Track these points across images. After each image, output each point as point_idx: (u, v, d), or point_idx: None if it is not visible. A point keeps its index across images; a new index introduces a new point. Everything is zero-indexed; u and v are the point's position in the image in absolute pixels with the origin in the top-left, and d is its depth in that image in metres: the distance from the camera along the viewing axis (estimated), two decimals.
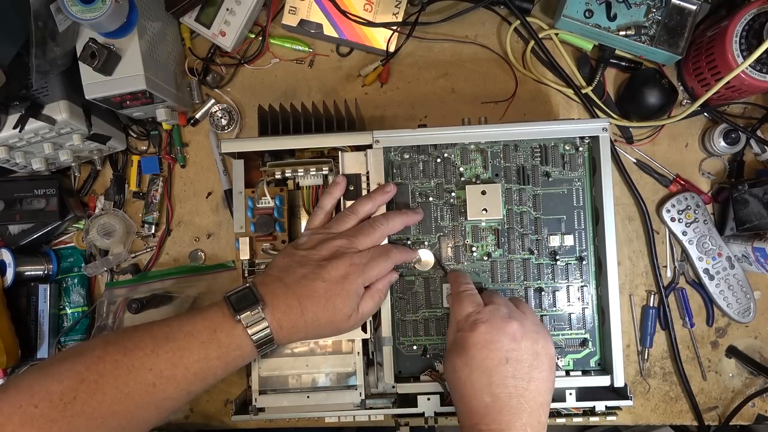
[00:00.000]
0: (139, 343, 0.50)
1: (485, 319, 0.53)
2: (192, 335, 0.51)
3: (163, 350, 0.50)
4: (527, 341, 0.52)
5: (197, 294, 0.77)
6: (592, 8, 0.71)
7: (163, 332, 0.51)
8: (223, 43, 0.75)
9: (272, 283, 0.55)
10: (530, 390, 0.51)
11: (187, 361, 0.51)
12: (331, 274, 0.55)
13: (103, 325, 0.78)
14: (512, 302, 0.58)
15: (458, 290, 0.58)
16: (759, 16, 0.63)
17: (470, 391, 0.51)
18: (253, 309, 0.53)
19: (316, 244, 0.58)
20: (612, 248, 0.61)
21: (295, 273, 0.56)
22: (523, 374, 0.51)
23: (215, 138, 0.78)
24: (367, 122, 0.77)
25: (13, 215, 0.74)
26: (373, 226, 0.59)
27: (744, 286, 0.73)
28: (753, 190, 0.69)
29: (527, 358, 0.52)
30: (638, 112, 0.73)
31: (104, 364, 0.49)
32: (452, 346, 0.55)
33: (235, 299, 0.53)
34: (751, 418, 0.75)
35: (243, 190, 0.66)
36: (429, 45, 0.78)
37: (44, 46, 0.61)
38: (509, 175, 0.64)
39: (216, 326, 0.52)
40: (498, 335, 0.52)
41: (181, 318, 0.53)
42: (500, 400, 0.50)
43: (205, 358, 0.51)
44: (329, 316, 0.55)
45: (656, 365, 0.76)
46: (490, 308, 0.54)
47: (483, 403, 0.50)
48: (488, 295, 0.58)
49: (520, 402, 0.50)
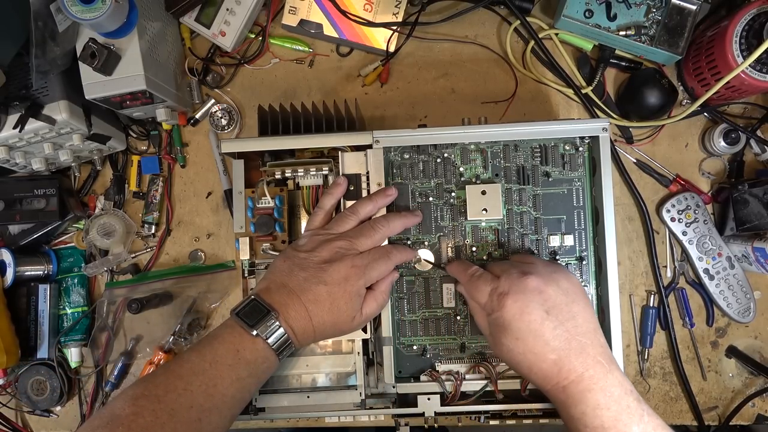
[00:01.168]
0: (168, 386, 0.50)
1: (507, 290, 0.53)
2: (217, 362, 0.51)
3: (196, 385, 0.50)
4: (552, 285, 0.52)
5: (197, 294, 0.77)
6: (592, 8, 0.71)
7: (188, 368, 0.51)
8: (223, 43, 0.75)
9: (277, 291, 0.55)
10: (579, 324, 0.52)
11: (221, 389, 0.51)
12: (332, 277, 0.55)
13: (103, 325, 0.78)
14: (516, 260, 0.58)
15: (468, 276, 0.57)
16: (759, 16, 0.63)
17: (534, 359, 0.51)
18: (268, 320, 0.53)
19: (316, 245, 0.58)
20: (612, 248, 0.61)
21: (297, 277, 0.56)
22: (566, 315, 0.52)
23: (215, 138, 0.78)
24: (367, 122, 0.77)
25: (13, 215, 0.74)
26: (373, 227, 0.59)
27: (744, 286, 0.73)
28: (753, 190, 0.69)
29: (561, 299, 0.52)
30: (638, 112, 0.73)
31: (143, 419, 0.47)
32: (493, 330, 0.54)
33: (246, 314, 0.53)
34: (751, 418, 0.75)
35: (243, 190, 0.66)
36: (429, 45, 0.78)
37: (44, 46, 0.61)
38: (509, 175, 0.64)
39: (237, 346, 0.52)
40: (526, 297, 0.52)
41: (199, 350, 0.53)
42: (563, 350, 0.50)
43: (237, 380, 0.51)
44: (334, 318, 0.55)
45: (656, 365, 0.76)
46: (503, 278, 0.54)
47: (550, 362, 0.51)
48: (493, 266, 0.58)
49: (579, 340, 0.51)
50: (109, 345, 0.78)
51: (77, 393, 0.79)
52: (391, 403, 0.63)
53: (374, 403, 0.63)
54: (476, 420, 0.66)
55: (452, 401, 0.62)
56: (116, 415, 0.48)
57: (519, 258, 0.60)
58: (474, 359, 0.63)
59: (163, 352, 0.76)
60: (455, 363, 0.64)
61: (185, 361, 0.52)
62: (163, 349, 0.76)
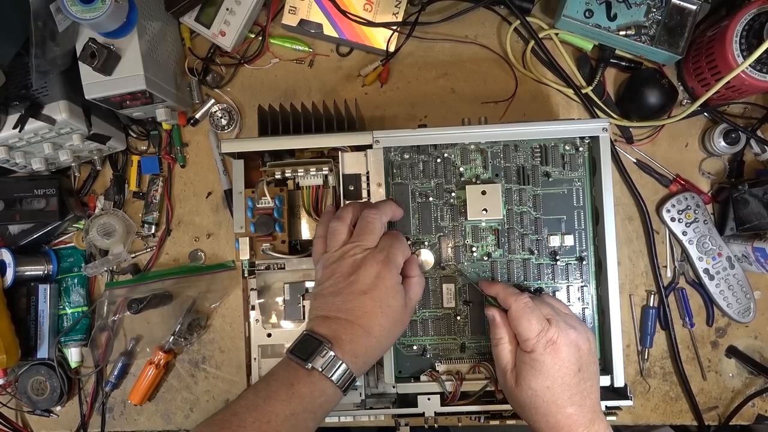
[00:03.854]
0: (224, 423, 0.49)
1: (556, 338, 0.53)
2: (271, 398, 0.51)
3: (249, 422, 0.49)
4: (585, 344, 0.55)
5: (197, 294, 0.77)
6: (592, 8, 0.71)
7: (243, 405, 0.51)
8: (223, 43, 0.75)
9: (324, 323, 0.54)
10: (594, 383, 0.55)
11: (275, 425, 0.50)
12: (366, 282, 0.54)
13: (103, 325, 0.78)
14: (552, 303, 0.58)
15: (518, 305, 0.55)
16: (759, 16, 0.63)
17: (554, 409, 0.53)
18: (322, 350, 0.52)
19: (330, 269, 0.56)
20: (612, 248, 0.61)
21: (334, 304, 0.55)
22: (589, 375, 0.54)
23: (215, 138, 0.78)
24: (367, 122, 0.77)
25: (13, 215, 0.74)
26: (368, 222, 0.58)
27: (744, 286, 0.73)
28: (753, 190, 0.69)
29: (589, 360, 0.55)
30: (638, 112, 0.73)
31: None
32: (523, 368, 0.54)
33: (299, 350, 0.53)
34: (751, 418, 0.75)
35: (243, 190, 0.66)
36: (429, 45, 0.78)
37: (44, 46, 0.61)
38: (509, 175, 0.64)
39: (291, 381, 0.52)
40: (569, 350, 0.53)
41: (256, 387, 0.53)
42: (579, 406, 0.53)
43: (291, 415, 0.50)
44: (391, 318, 0.55)
45: (656, 365, 0.76)
46: (554, 324, 0.54)
47: (566, 414, 0.53)
48: (539, 304, 0.56)
49: (591, 399, 0.54)
50: (109, 345, 0.78)
51: (77, 393, 0.79)
52: (391, 403, 0.63)
53: (374, 403, 0.63)
54: (476, 420, 0.66)
55: (452, 401, 0.62)
56: None
57: (557, 304, 0.59)
58: (474, 359, 0.63)
59: (163, 352, 0.76)
60: (455, 363, 0.64)
61: (242, 398, 0.52)
62: (163, 349, 0.76)
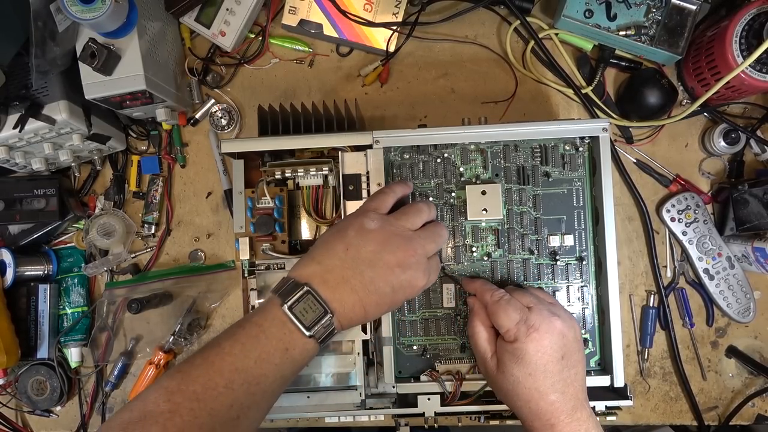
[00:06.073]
0: (207, 383, 0.46)
1: (537, 325, 0.53)
2: (263, 360, 0.48)
3: (238, 384, 0.46)
4: (570, 332, 0.54)
5: (197, 294, 0.77)
6: (592, 8, 0.71)
7: (230, 363, 0.47)
8: (223, 43, 0.75)
9: (336, 286, 0.51)
10: (578, 372, 0.55)
11: (264, 386, 0.48)
12: (402, 284, 0.53)
13: (103, 325, 0.78)
14: (535, 294, 0.58)
15: (493, 299, 0.56)
16: (759, 16, 0.63)
17: (536, 395, 0.52)
18: (325, 321, 0.50)
19: (387, 239, 0.52)
20: (612, 248, 0.61)
21: (362, 275, 0.51)
22: (573, 363, 0.54)
23: (215, 138, 0.78)
24: (367, 122, 0.77)
25: (13, 215, 0.74)
26: (419, 209, 0.56)
27: (744, 286, 0.73)
28: (753, 190, 0.69)
29: (573, 347, 0.55)
30: (638, 112, 0.73)
31: (180, 418, 0.44)
32: (504, 357, 0.54)
33: (301, 311, 0.49)
34: (751, 418, 0.75)
35: (243, 190, 0.66)
36: (429, 45, 0.78)
37: (44, 46, 0.61)
38: (509, 175, 0.64)
39: (287, 345, 0.49)
40: (551, 337, 0.53)
41: (243, 342, 0.48)
42: (562, 393, 0.53)
43: (281, 377, 0.49)
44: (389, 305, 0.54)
45: (656, 365, 0.76)
46: (535, 312, 0.54)
47: (549, 401, 0.52)
48: (519, 295, 0.56)
49: (575, 386, 0.54)
50: (109, 345, 0.78)
51: (77, 393, 0.79)
52: (391, 403, 0.63)
53: (374, 403, 0.63)
54: (476, 420, 0.66)
55: (452, 401, 0.62)
56: (150, 411, 0.44)
57: (541, 294, 0.59)
58: (474, 359, 0.63)
59: (163, 352, 0.76)
60: (455, 363, 0.64)
61: (227, 353, 0.47)
62: (163, 349, 0.76)
